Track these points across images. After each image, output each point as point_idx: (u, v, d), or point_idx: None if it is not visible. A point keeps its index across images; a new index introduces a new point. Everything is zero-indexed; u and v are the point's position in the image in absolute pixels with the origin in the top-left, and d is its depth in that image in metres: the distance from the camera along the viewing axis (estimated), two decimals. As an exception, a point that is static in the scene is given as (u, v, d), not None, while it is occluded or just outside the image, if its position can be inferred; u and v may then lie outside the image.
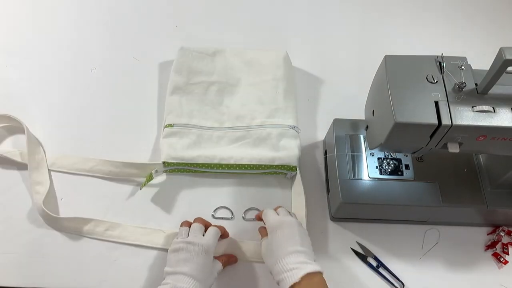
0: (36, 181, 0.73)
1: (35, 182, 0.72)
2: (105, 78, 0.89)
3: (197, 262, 0.57)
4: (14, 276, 0.66)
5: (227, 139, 0.78)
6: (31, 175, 0.72)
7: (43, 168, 0.75)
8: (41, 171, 0.74)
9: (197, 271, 0.57)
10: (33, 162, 0.74)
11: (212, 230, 0.63)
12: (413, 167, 0.71)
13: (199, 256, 0.58)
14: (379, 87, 0.59)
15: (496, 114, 0.54)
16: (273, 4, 1.05)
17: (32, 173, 0.73)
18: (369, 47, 0.98)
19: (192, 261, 0.57)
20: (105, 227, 0.70)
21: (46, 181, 0.73)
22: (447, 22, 1.05)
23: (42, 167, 0.75)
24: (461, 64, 0.57)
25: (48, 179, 0.74)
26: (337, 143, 0.73)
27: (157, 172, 0.73)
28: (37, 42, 0.93)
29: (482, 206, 0.68)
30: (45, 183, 0.73)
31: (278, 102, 0.82)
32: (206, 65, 0.87)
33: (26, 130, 0.76)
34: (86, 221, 0.70)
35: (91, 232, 0.69)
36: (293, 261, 0.55)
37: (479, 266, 0.71)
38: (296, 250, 0.57)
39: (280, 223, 0.60)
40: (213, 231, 0.63)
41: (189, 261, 0.57)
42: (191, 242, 0.59)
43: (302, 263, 0.55)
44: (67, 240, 0.69)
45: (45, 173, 0.74)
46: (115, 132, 0.81)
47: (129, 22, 0.98)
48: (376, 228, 0.73)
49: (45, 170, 0.75)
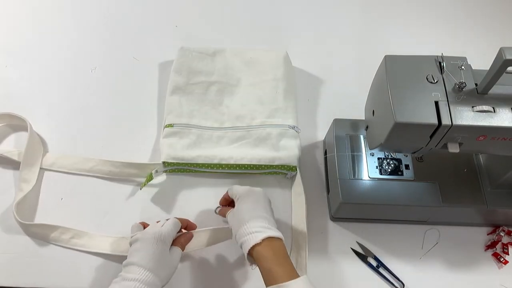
0: (23, 178, 0.72)
1: (23, 178, 0.72)
2: (105, 78, 0.89)
3: (149, 251, 0.56)
4: (14, 276, 0.66)
5: (227, 139, 0.78)
6: (21, 172, 0.72)
7: (35, 167, 0.74)
8: (32, 169, 0.74)
9: (148, 260, 0.55)
10: (27, 159, 0.74)
11: (171, 220, 0.63)
12: (413, 167, 0.71)
13: (151, 245, 0.57)
14: (379, 87, 0.59)
15: (496, 114, 0.54)
16: (273, 4, 1.05)
17: (23, 170, 0.72)
18: (369, 47, 0.98)
19: (143, 250, 0.56)
20: (71, 235, 0.69)
21: (32, 180, 0.73)
22: (447, 22, 1.05)
23: (35, 165, 0.74)
24: (461, 64, 0.57)
25: (36, 178, 0.73)
26: (337, 143, 0.73)
27: (157, 172, 0.73)
28: (37, 42, 0.93)
29: (482, 206, 0.68)
30: (31, 181, 0.73)
31: (278, 102, 0.82)
32: (206, 65, 0.87)
33: (29, 126, 0.76)
34: (53, 228, 0.69)
35: (57, 240, 0.68)
36: (256, 225, 0.57)
37: (479, 266, 0.71)
38: (260, 215, 0.59)
39: (248, 191, 0.63)
40: (171, 221, 0.62)
41: (140, 250, 0.57)
42: (145, 232, 0.59)
43: (264, 227, 0.57)
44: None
45: (36, 171, 0.74)
46: (115, 132, 0.81)
47: (129, 22, 0.98)
48: (376, 228, 0.73)
49: (37, 168, 0.74)
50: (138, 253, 0.56)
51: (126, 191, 0.75)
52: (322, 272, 0.69)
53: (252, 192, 0.63)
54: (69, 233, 0.69)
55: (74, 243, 0.68)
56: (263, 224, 0.58)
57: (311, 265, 0.68)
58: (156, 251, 0.57)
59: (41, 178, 0.75)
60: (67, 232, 0.69)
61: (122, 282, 0.53)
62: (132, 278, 0.53)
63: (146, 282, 0.53)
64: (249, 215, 0.59)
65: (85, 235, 0.69)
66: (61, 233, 0.69)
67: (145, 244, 0.57)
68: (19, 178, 0.72)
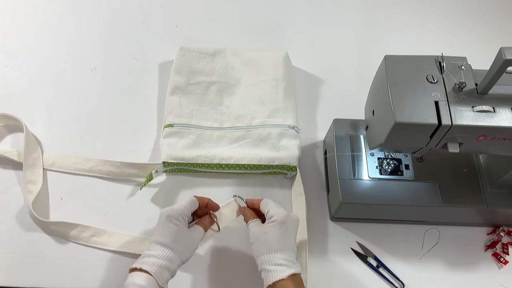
0: (29, 179, 0.72)
1: (28, 180, 0.72)
2: (105, 78, 0.89)
3: (163, 228, 0.58)
4: (14, 276, 0.66)
5: (227, 139, 0.78)
6: (25, 173, 0.72)
7: (37, 167, 0.74)
8: (35, 170, 0.74)
9: (165, 236, 0.57)
10: (28, 160, 0.74)
11: (187, 198, 0.63)
12: (413, 167, 0.71)
13: (165, 222, 0.58)
14: (379, 87, 0.59)
15: (496, 114, 0.54)
16: (273, 4, 1.05)
17: (26, 171, 0.72)
18: (369, 47, 0.98)
19: (159, 227, 0.58)
20: (91, 233, 0.69)
21: (39, 181, 0.73)
22: (447, 22, 1.05)
23: (37, 166, 0.75)
24: (461, 64, 0.57)
25: (42, 178, 0.74)
26: (337, 143, 0.73)
27: (157, 172, 0.73)
28: (37, 42, 0.93)
29: (482, 206, 0.68)
30: (38, 182, 0.73)
31: (278, 102, 0.82)
32: (206, 65, 0.87)
33: (25, 128, 0.76)
34: (73, 226, 0.69)
35: (77, 238, 0.69)
36: (285, 257, 0.57)
37: (479, 266, 0.71)
38: (290, 247, 0.59)
39: (286, 217, 0.60)
40: (187, 199, 0.62)
41: (157, 228, 0.59)
42: (161, 211, 0.60)
43: (291, 262, 0.57)
44: (63, 241, 0.69)
45: (39, 172, 0.74)
46: (115, 132, 0.81)
47: (129, 22, 0.98)
48: (376, 228, 0.73)
49: (40, 169, 0.74)
50: (156, 231, 0.59)
51: (126, 191, 0.75)
52: (322, 272, 0.69)
53: (289, 219, 0.60)
54: (89, 231, 0.69)
55: (94, 241, 0.69)
56: (291, 258, 0.57)
57: (311, 265, 0.68)
58: (170, 227, 0.58)
59: (45, 178, 0.75)
60: (86, 230, 0.69)
61: (141, 259, 0.56)
62: (150, 254, 0.56)
63: (163, 257, 0.55)
64: (280, 245, 0.57)
65: (104, 233, 0.69)
66: (81, 231, 0.69)
67: (160, 222, 0.59)
68: (23, 180, 0.72)
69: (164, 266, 0.55)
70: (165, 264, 0.55)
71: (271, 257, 0.57)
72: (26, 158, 0.73)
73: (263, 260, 0.57)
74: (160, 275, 0.54)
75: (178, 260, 0.57)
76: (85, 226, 0.69)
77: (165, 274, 0.55)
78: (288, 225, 0.59)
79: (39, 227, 0.69)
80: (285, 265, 0.56)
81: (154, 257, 0.55)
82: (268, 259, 0.57)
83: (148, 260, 0.55)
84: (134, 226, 0.71)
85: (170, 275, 0.56)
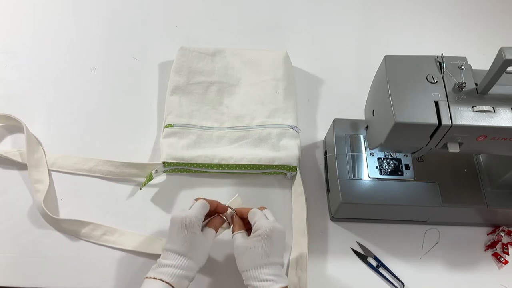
0: (35, 179, 0.73)
1: (34, 180, 0.72)
2: (105, 78, 0.89)
3: (179, 236, 0.57)
4: (14, 276, 0.66)
5: (227, 139, 0.78)
6: (30, 173, 0.72)
7: (42, 167, 0.75)
8: (40, 169, 0.74)
9: (181, 245, 0.56)
10: (32, 161, 0.74)
11: (198, 202, 0.61)
12: (413, 167, 0.71)
13: (180, 230, 0.57)
14: (379, 87, 0.59)
15: (496, 114, 0.54)
16: (273, 4, 1.05)
17: (31, 171, 0.73)
18: (369, 47, 0.98)
19: (173, 235, 0.57)
20: (102, 231, 0.69)
21: (45, 180, 0.73)
22: (447, 22, 1.05)
23: (41, 165, 0.75)
24: (461, 64, 0.57)
25: (48, 178, 0.74)
26: (337, 143, 0.73)
27: (157, 172, 0.73)
28: (37, 42, 0.93)
29: (482, 206, 0.68)
30: (44, 181, 0.73)
31: (278, 102, 0.82)
32: (206, 65, 0.87)
33: (26, 129, 0.76)
34: (84, 224, 0.69)
35: (88, 236, 0.69)
36: (271, 272, 0.55)
37: (479, 266, 0.71)
38: (276, 262, 0.57)
39: (271, 231, 0.58)
40: (199, 203, 0.61)
41: (171, 236, 0.57)
42: (173, 218, 0.58)
43: (278, 276, 0.56)
44: (67, 240, 0.69)
45: (45, 171, 0.74)
46: (115, 132, 0.81)
47: (129, 22, 0.98)
48: (376, 228, 0.73)
49: (45, 168, 0.75)
50: (170, 239, 0.57)
51: (126, 191, 0.75)
52: (322, 272, 0.69)
53: (274, 232, 0.58)
54: (101, 230, 0.69)
55: (106, 239, 0.69)
56: (278, 272, 0.56)
57: (311, 265, 0.68)
58: (186, 236, 0.57)
59: (51, 177, 0.75)
60: (98, 228, 0.69)
61: (158, 269, 0.55)
62: (167, 264, 0.55)
63: (181, 267, 0.55)
64: (265, 260, 0.56)
65: (115, 231, 0.70)
66: (92, 229, 0.69)
67: (174, 230, 0.57)
68: (30, 180, 0.72)
69: (183, 276, 0.54)
70: (184, 274, 0.54)
71: (256, 273, 0.55)
72: (30, 158, 0.74)
73: (249, 276, 0.56)
74: (179, 286, 0.54)
75: (196, 267, 0.57)
76: (97, 225, 0.70)
77: (184, 283, 0.55)
78: (274, 238, 0.57)
79: (51, 225, 0.69)
80: (272, 280, 0.55)
81: (172, 267, 0.54)
82: (254, 275, 0.55)
83: (166, 271, 0.54)
84: (134, 226, 0.71)
85: (189, 282, 0.56)
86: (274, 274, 0.56)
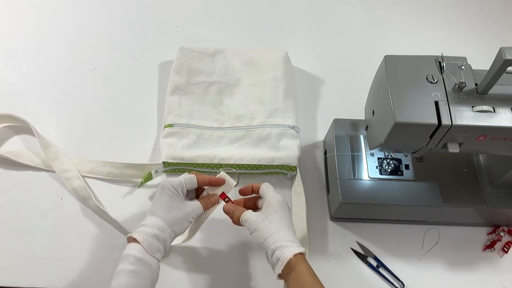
0: (60, 169, 0.74)
1: (60, 170, 0.74)
2: (105, 78, 0.89)
3: (157, 199, 0.60)
4: (14, 276, 0.66)
5: (227, 139, 0.78)
6: (53, 166, 0.74)
7: (61, 157, 0.76)
8: (61, 160, 0.75)
9: (158, 208, 0.59)
10: (50, 154, 0.75)
11: (185, 174, 0.62)
12: (413, 167, 0.71)
13: (159, 194, 0.60)
14: (379, 87, 0.59)
15: (496, 114, 0.54)
16: (273, 4, 1.05)
17: (54, 164, 0.74)
18: (369, 47, 0.98)
19: (155, 199, 0.60)
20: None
21: (71, 168, 0.75)
22: (447, 22, 1.05)
23: (60, 156, 0.76)
24: (461, 64, 0.57)
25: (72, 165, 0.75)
26: (337, 143, 0.73)
27: (157, 172, 0.73)
28: (37, 42, 0.93)
29: (482, 206, 0.68)
30: (71, 169, 0.75)
31: (278, 102, 0.82)
32: (206, 65, 0.87)
33: (32, 127, 0.76)
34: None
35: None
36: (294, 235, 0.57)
37: (479, 266, 0.71)
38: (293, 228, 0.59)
39: (284, 200, 0.61)
40: (184, 174, 0.62)
41: (153, 200, 0.61)
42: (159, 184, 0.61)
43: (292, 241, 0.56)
44: (67, 240, 0.69)
45: (66, 161, 0.75)
46: (115, 132, 0.81)
47: (129, 22, 0.98)
48: (376, 228, 0.73)
49: (64, 158, 0.76)
50: (152, 202, 0.61)
51: (126, 191, 0.75)
52: (322, 272, 0.68)
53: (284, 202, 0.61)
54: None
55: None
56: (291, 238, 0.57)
57: (311, 265, 0.68)
58: (162, 199, 0.59)
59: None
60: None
61: (138, 228, 0.57)
62: (142, 224, 0.58)
63: (153, 226, 0.57)
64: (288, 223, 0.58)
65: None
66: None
67: (156, 194, 0.60)
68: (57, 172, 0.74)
69: (154, 235, 0.56)
70: (155, 233, 0.56)
71: (283, 234, 0.56)
72: (47, 152, 0.75)
73: (275, 239, 0.55)
74: (149, 244, 0.55)
75: (168, 230, 0.57)
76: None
77: (154, 243, 0.56)
78: (286, 207, 0.60)
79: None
80: (296, 241, 0.56)
81: (144, 226, 0.57)
82: (281, 236, 0.55)
83: (139, 229, 0.57)
84: (134, 226, 0.70)
85: (161, 244, 0.56)
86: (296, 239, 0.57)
